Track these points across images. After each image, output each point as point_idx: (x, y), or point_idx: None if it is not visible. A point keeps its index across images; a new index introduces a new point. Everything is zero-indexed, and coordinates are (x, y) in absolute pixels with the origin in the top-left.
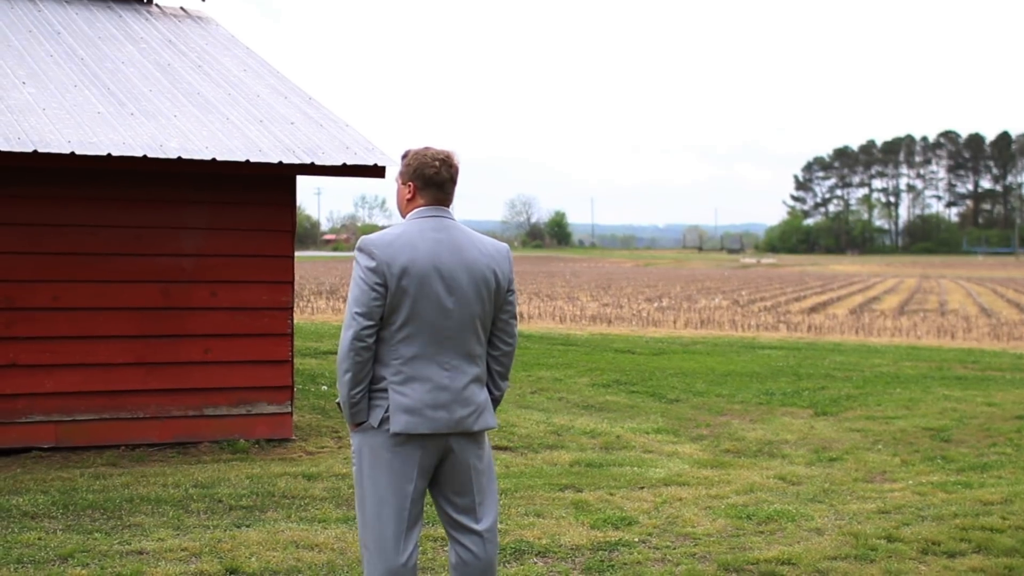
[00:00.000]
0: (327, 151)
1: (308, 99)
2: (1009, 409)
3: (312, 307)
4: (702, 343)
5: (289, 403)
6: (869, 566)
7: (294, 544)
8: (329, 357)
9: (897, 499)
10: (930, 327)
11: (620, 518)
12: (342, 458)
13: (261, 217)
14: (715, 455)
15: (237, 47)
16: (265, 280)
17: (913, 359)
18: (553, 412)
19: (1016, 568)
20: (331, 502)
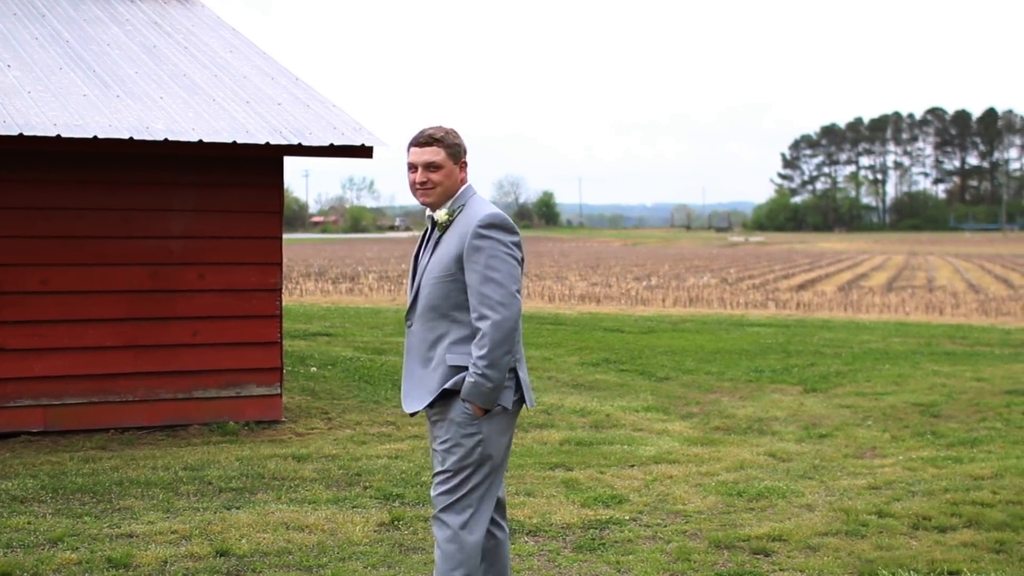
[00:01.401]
0: (314, 132)
1: (295, 80)
2: (998, 384)
3: (301, 289)
4: (691, 321)
5: (278, 385)
6: (860, 542)
7: (284, 525)
8: (318, 339)
9: (887, 475)
10: (918, 303)
11: (611, 496)
12: (332, 439)
13: (248, 198)
14: (705, 433)
15: (223, 28)
16: (253, 262)
17: (902, 335)
18: (543, 391)
19: (1007, 542)
20: (321, 483)
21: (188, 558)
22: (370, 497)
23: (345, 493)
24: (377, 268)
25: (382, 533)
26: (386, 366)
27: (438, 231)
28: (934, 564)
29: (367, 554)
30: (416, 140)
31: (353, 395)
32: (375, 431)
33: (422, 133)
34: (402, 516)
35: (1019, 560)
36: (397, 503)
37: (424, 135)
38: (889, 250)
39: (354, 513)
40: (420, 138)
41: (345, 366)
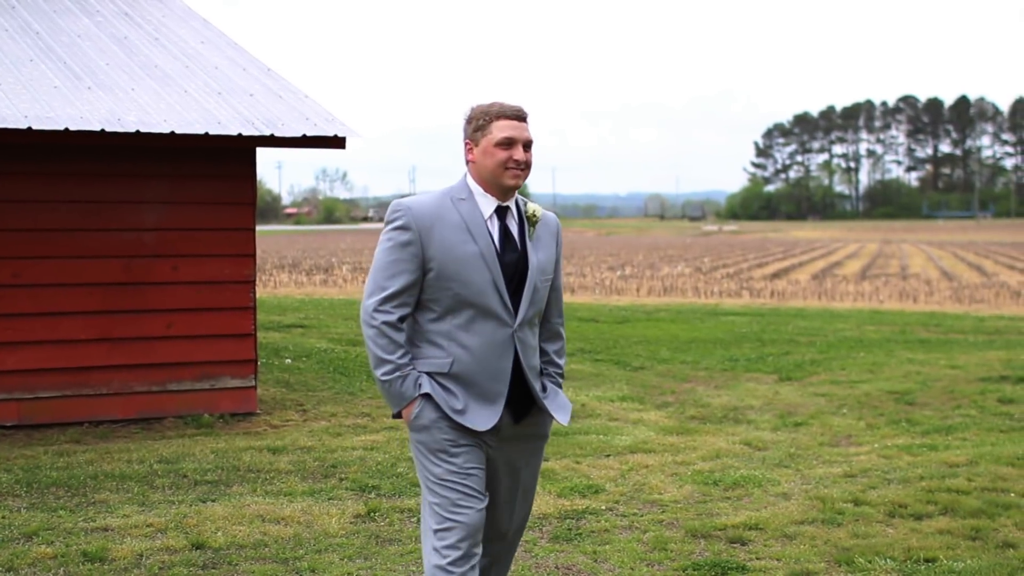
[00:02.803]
0: (287, 123)
1: (267, 70)
2: (972, 371)
3: (275, 281)
4: (665, 310)
5: (253, 377)
6: (836, 530)
7: (260, 518)
8: (292, 330)
9: (863, 463)
10: (892, 291)
11: (587, 486)
12: (307, 431)
13: (221, 190)
14: (681, 422)
15: (194, 19)
16: (227, 253)
17: (876, 323)
18: None
19: (982, 529)
20: (296, 475)
21: (164, 551)
22: (346, 489)
23: (321, 485)
24: (351, 259)
25: (358, 525)
26: (360, 357)
27: (529, 226)
28: (910, 551)
29: (343, 546)
30: (514, 112)
31: (328, 387)
32: (350, 423)
33: (513, 106)
34: (378, 507)
35: (994, 547)
36: (373, 495)
37: (518, 108)
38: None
39: (330, 505)
40: (518, 111)
41: (320, 358)
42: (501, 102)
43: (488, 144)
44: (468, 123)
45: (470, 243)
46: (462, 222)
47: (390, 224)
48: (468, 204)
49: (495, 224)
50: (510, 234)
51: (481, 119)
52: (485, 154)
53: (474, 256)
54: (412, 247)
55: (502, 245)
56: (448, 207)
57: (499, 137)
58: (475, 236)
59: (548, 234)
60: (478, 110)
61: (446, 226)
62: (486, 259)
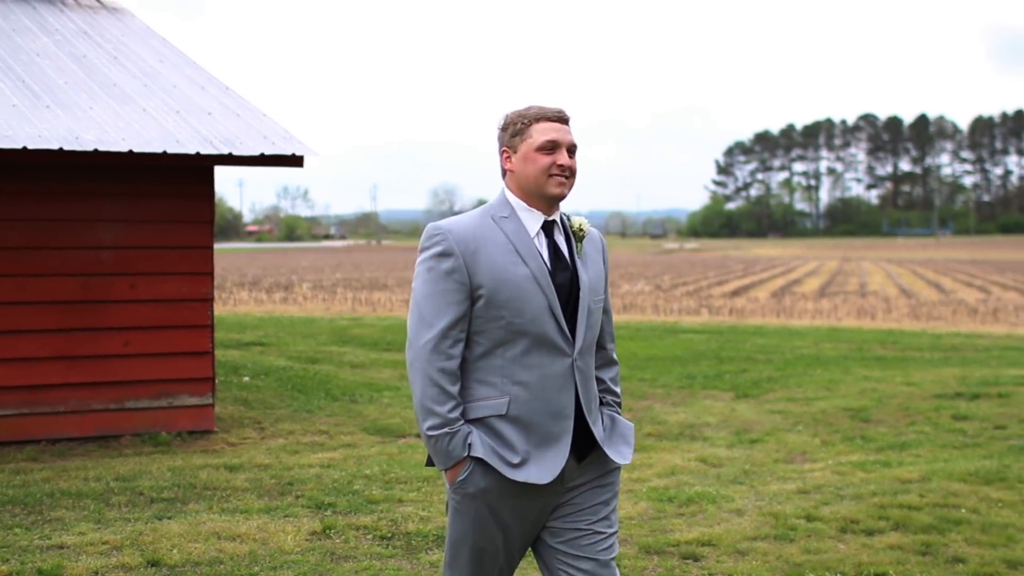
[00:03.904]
0: (245, 141)
1: (225, 89)
2: (927, 388)
3: (234, 299)
4: (624, 328)
5: (211, 395)
6: (788, 545)
7: (216, 535)
8: (251, 348)
9: (817, 479)
10: (850, 309)
11: None
12: (264, 449)
13: (180, 208)
14: (638, 439)
15: (153, 38)
16: (185, 272)
17: (834, 340)
18: None
19: (933, 544)
20: (253, 493)
21: (119, 569)
22: (302, 506)
23: (277, 502)
24: (312, 277)
25: (313, 542)
26: (319, 375)
27: (576, 241)
28: (861, 567)
29: (298, 563)
30: (555, 114)
31: (286, 404)
32: (308, 440)
33: (554, 108)
34: (334, 525)
35: (944, 562)
36: (329, 512)
37: (559, 109)
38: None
39: (286, 522)
40: (560, 112)
41: (278, 375)
42: (539, 104)
43: (528, 149)
44: (503, 130)
45: (520, 265)
46: (508, 242)
47: (429, 251)
48: (512, 222)
49: (543, 241)
50: (560, 252)
51: (519, 123)
52: (526, 161)
53: (526, 279)
54: (457, 274)
55: (553, 264)
56: (491, 227)
57: (541, 141)
58: (525, 256)
59: (595, 250)
60: (514, 114)
61: (492, 247)
62: (539, 281)
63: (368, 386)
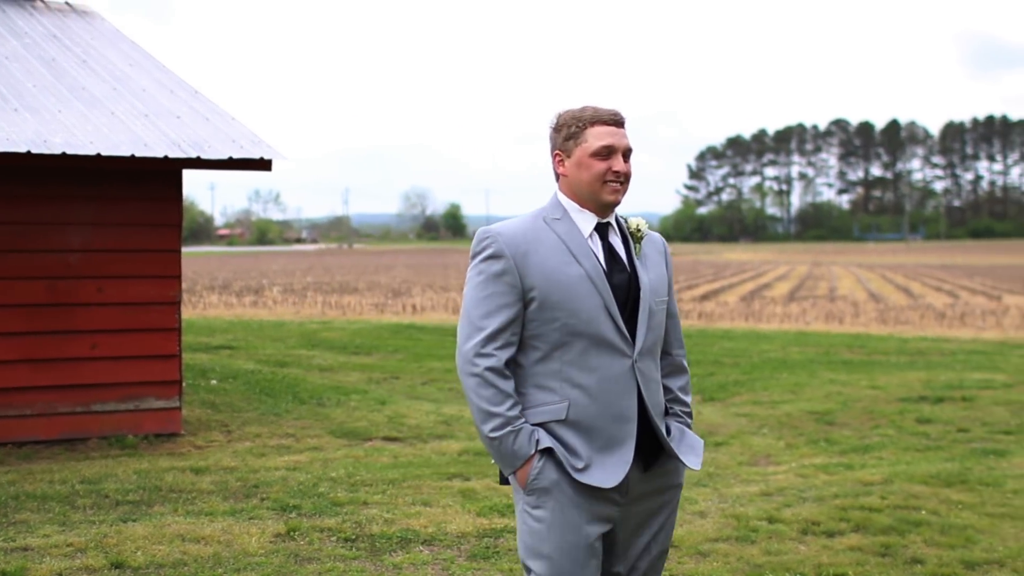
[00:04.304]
0: (213, 145)
1: (194, 93)
2: (892, 392)
3: (204, 302)
4: None
5: (178, 398)
6: (750, 547)
7: (180, 537)
8: (220, 352)
9: (780, 481)
10: (819, 313)
11: (507, 505)
12: (231, 452)
13: (147, 212)
14: None
15: (123, 41)
16: (152, 275)
17: (801, 344)
18: (443, 402)
19: (892, 546)
20: (218, 495)
21: (83, 571)
22: (267, 509)
23: (242, 505)
24: (282, 281)
25: (278, 544)
26: (287, 379)
27: (634, 242)
28: (820, 568)
29: (262, 565)
30: (611, 116)
31: (254, 408)
32: (274, 443)
33: (609, 110)
34: (298, 527)
35: (903, 563)
36: (294, 514)
37: (615, 112)
38: (793, 260)
39: (250, 525)
40: (615, 115)
41: (247, 379)
42: (594, 105)
43: (583, 155)
44: (556, 131)
45: (573, 264)
46: (561, 243)
47: (479, 255)
48: (564, 223)
49: (597, 243)
50: (615, 252)
51: (573, 126)
52: (580, 166)
53: (580, 279)
54: (508, 276)
55: (608, 265)
56: (542, 228)
57: (596, 146)
58: (578, 256)
59: (655, 252)
60: (568, 115)
61: (543, 249)
62: (594, 281)
63: (336, 389)
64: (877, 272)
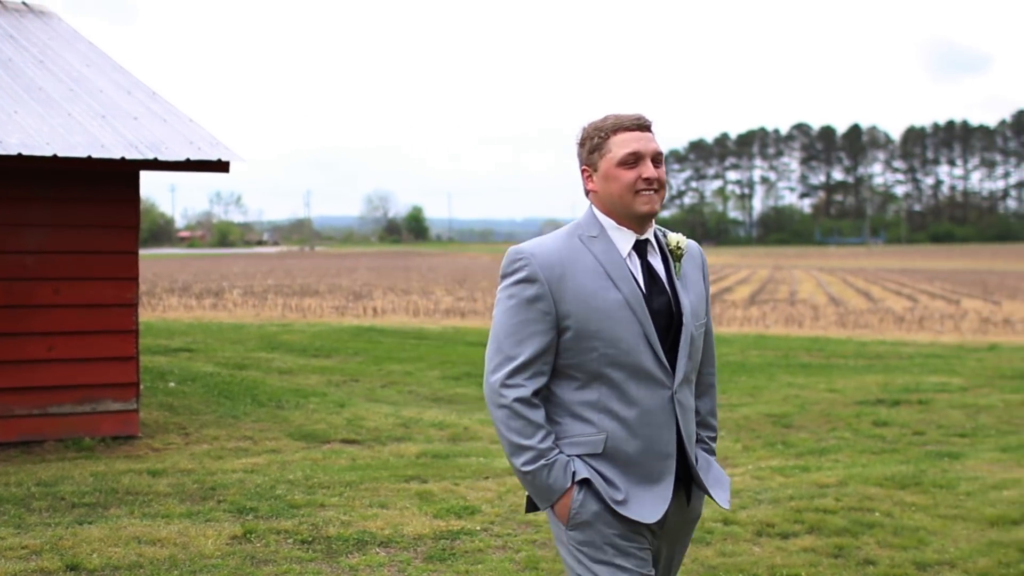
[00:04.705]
0: (170, 146)
1: (152, 94)
2: (850, 395)
3: (164, 305)
4: None
5: (135, 400)
6: (704, 548)
7: (136, 540)
8: (179, 354)
9: (736, 483)
10: (779, 316)
11: (463, 507)
12: (188, 454)
13: (104, 213)
14: None
15: (80, 42)
16: (109, 277)
17: (760, 348)
18: (402, 405)
19: (845, 547)
20: (175, 498)
21: (38, 573)
22: (224, 511)
23: (199, 507)
24: (242, 283)
25: (234, 546)
26: (246, 381)
27: (673, 261)
28: (774, 569)
29: (218, 567)
30: (634, 122)
31: (212, 410)
32: (232, 446)
33: (632, 115)
34: (255, 529)
35: (856, 564)
36: (250, 516)
37: (638, 116)
38: (755, 264)
39: (207, 527)
40: (639, 119)
41: (205, 381)
42: (616, 113)
43: (609, 166)
44: (581, 146)
45: (612, 290)
46: (598, 265)
47: (510, 277)
48: (602, 242)
49: (635, 263)
50: (655, 274)
51: (595, 137)
52: (608, 179)
53: (619, 305)
54: (542, 303)
55: (648, 288)
56: (579, 248)
57: (621, 155)
58: (616, 280)
59: (694, 268)
60: (590, 128)
61: (580, 272)
62: (633, 308)
63: (295, 392)
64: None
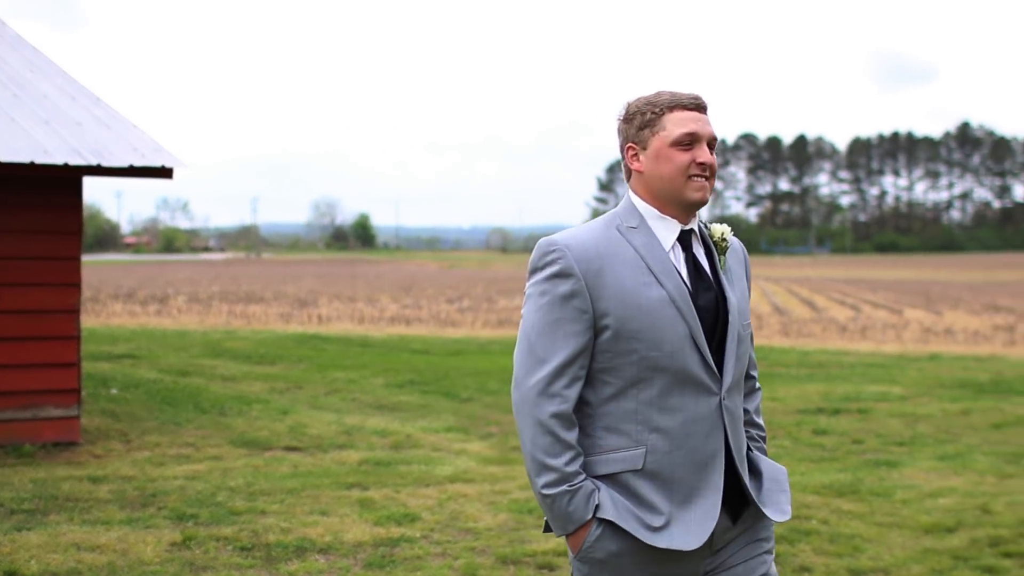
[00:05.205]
0: (114, 152)
1: (96, 100)
2: (791, 403)
3: (108, 311)
4: (499, 343)
5: (76, 407)
6: None
7: (75, 546)
8: (122, 361)
9: None
10: None
11: (404, 515)
12: (129, 461)
13: (47, 219)
14: (503, 452)
15: (24, 47)
16: (51, 283)
17: None
18: (346, 412)
19: (782, 554)
20: (115, 504)
21: None
22: (164, 517)
23: (139, 514)
24: (188, 290)
25: (173, 553)
26: (190, 388)
27: (719, 254)
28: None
29: (157, 573)
30: (692, 100)
31: (154, 417)
32: (174, 452)
33: (689, 93)
34: (194, 536)
35: (791, 571)
36: (191, 523)
37: (695, 95)
38: None
39: (146, 533)
40: (696, 99)
41: (148, 388)
42: (671, 89)
43: (661, 145)
44: (627, 122)
45: (654, 286)
46: (639, 258)
47: (542, 271)
48: (642, 233)
49: (679, 256)
50: (700, 268)
51: (648, 112)
52: (658, 158)
53: (662, 303)
54: (577, 300)
55: (693, 284)
56: (617, 240)
57: (677, 134)
58: (659, 275)
59: (737, 264)
60: (641, 102)
61: (619, 266)
62: (678, 305)
63: (238, 399)
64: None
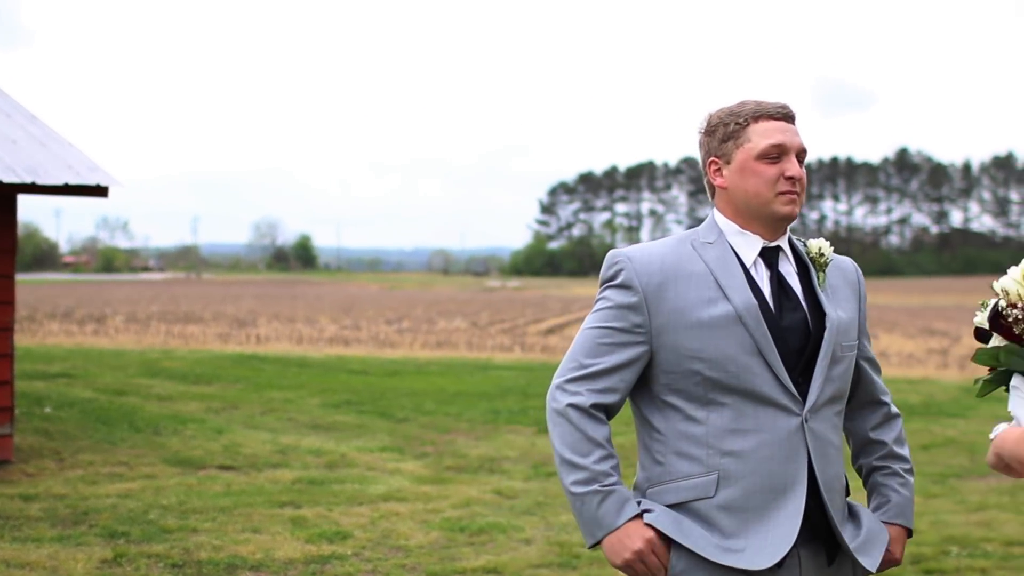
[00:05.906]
0: (49, 171)
1: (32, 118)
2: None
3: (44, 330)
4: (436, 364)
5: (9, 425)
6: (571, 573)
7: (5, 563)
8: (58, 380)
9: None
10: None
11: (335, 532)
12: (62, 479)
13: None
14: (437, 472)
15: None
16: None
17: None
18: (281, 432)
19: None
20: (47, 522)
21: None
22: (95, 535)
23: (70, 531)
24: (126, 310)
25: (104, 570)
26: (125, 407)
27: (817, 270)
28: None
29: None
30: (779, 110)
31: (88, 436)
32: (107, 471)
33: (776, 102)
34: (125, 553)
35: None
36: (122, 540)
37: (782, 104)
38: None
39: (77, 550)
40: (784, 108)
41: (83, 407)
42: (755, 99)
43: (747, 157)
44: (709, 135)
45: (720, 301)
46: (708, 273)
47: (608, 282)
48: (717, 248)
49: (761, 272)
50: (786, 285)
51: (731, 124)
52: (743, 172)
53: (727, 319)
54: (634, 314)
55: (777, 301)
56: (688, 254)
57: (763, 145)
58: (727, 290)
59: (845, 284)
60: (723, 112)
61: (683, 280)
62: (746, 322)
63: (173, 418)
64: None
